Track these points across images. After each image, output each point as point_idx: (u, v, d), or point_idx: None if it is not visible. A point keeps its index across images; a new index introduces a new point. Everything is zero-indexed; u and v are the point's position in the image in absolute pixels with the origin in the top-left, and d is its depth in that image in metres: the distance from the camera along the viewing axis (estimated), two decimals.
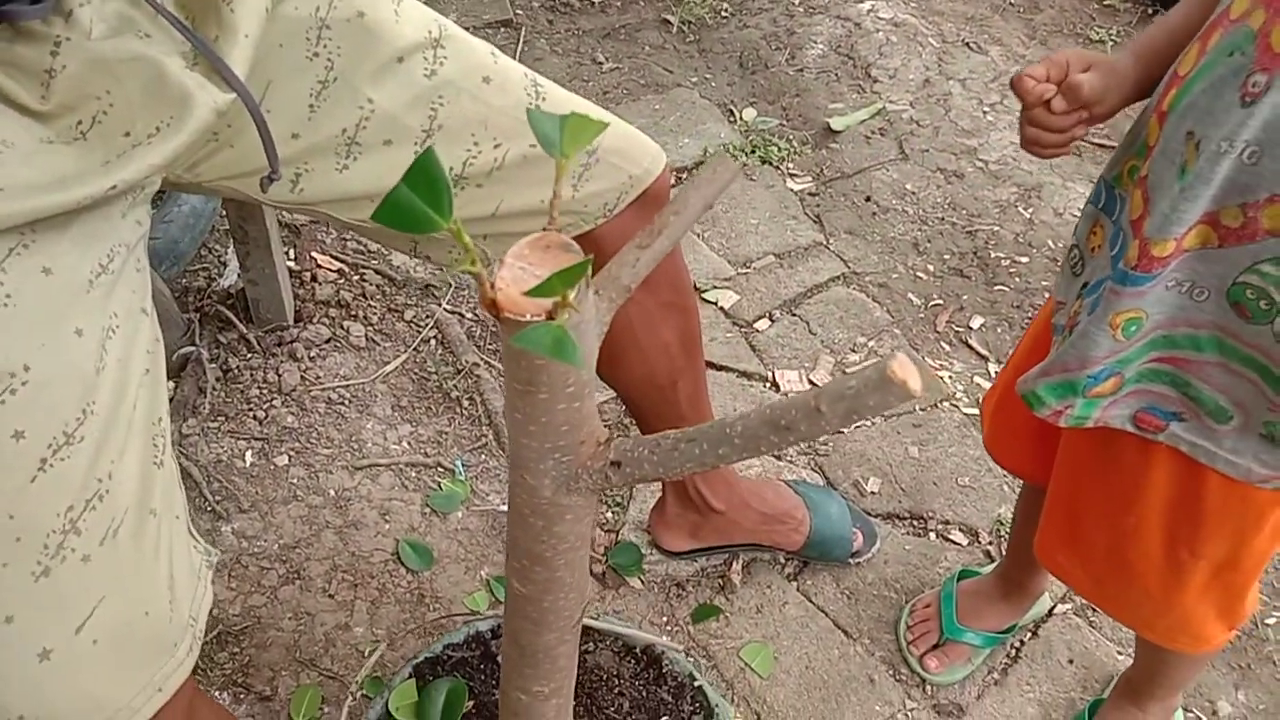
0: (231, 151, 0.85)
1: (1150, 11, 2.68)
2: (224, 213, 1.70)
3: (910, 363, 0.47)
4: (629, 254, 0.57)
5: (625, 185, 0.98)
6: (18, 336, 0.67)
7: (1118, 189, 0.86)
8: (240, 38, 0.80)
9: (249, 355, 1.61)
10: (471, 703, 1.02)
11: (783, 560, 1.47)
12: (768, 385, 1.72)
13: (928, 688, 1.36)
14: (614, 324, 1.12)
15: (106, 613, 0.69)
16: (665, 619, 1.40)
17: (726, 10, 2.67)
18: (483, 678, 1.04)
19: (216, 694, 1.29)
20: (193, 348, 1.58)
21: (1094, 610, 1.44)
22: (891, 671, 1.37)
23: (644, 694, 1.02)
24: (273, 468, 1.51)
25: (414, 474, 1.53)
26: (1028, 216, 2.09)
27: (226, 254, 1.75)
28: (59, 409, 0.68)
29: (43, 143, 0.70)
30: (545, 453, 0.58)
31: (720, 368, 1.73)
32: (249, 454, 1.52)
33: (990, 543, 1.52)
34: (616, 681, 1.03)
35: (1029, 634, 1.41)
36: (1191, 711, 1.36)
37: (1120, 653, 1.40)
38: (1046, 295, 1.91)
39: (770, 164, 2.18)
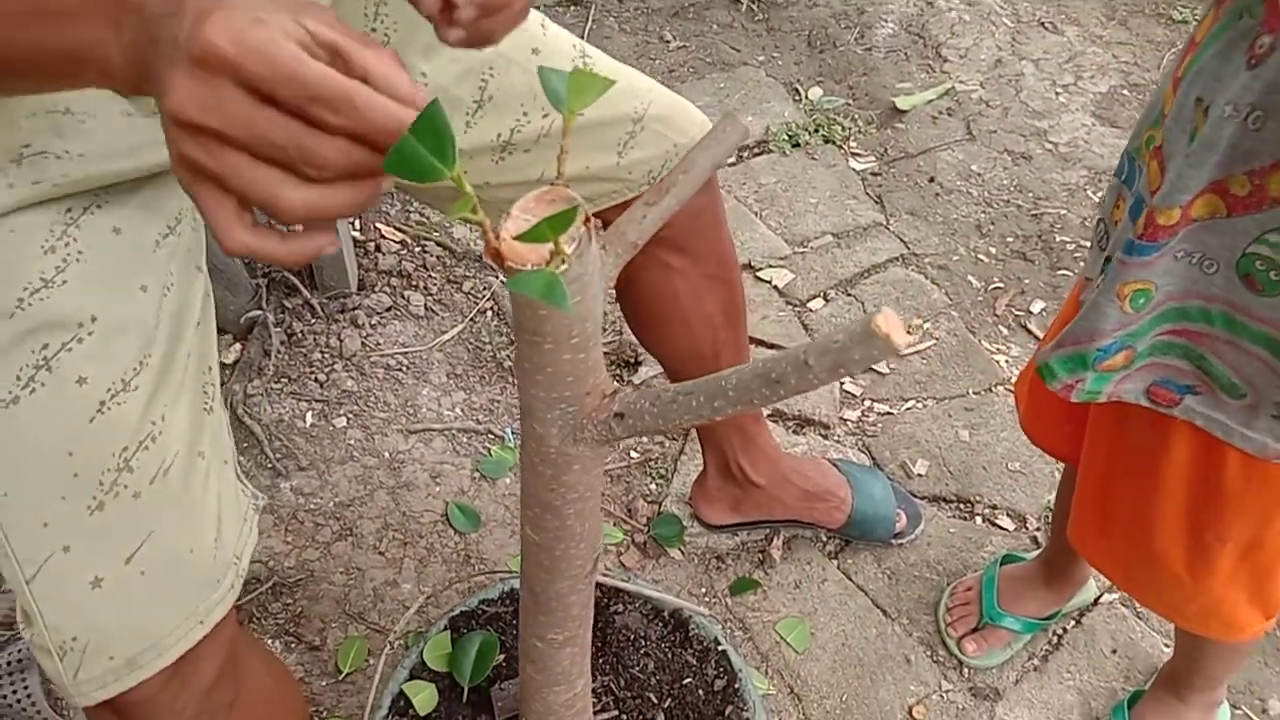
0: None
1: None
2: None
3: (896, 318, 0.47)
4: (636, 211, 0.59)
5: (670, 154, 0.99)
6: (87, 289, 0.72)
7: (1138, 160, 0.85)
8: None
9: (313, 320, 1.67)
10: (502, 656, 1.05)
11: (824, 538, 1.47)
12: None
13: (965, 670, 1.35)
14: (660, 296, 1.15)
15: (154, 547, 0.74)
16: (704, 590, 1.42)
17: None
18: (515, 632, 1.06)
19: (269, 642, 1.35)
20: (259, 312, 1.64)
21: None
22: (929, 652, 1.37)
23: (669, 656, 1.04)
24: (331, 429, 1.56)
25: (465, 440, 1.57)
26: (1097, 200, 2.04)
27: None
28: (119, 358, 0.73)
29: (123, 115, 0.75)
30: (552, 402, 0.60)
31: (772, 345, 1.73)
32: (309, 415, 1.57)
33: (1038, 529, 1.50)
34: (643, 642, 1.05)
35: (1072, 622, 1.40)
36: (1240, 709, 1.33)
37: (1166, 645, 1.37)
38: None
39: (833, 143, 2.16)
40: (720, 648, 1.03)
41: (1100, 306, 0.83)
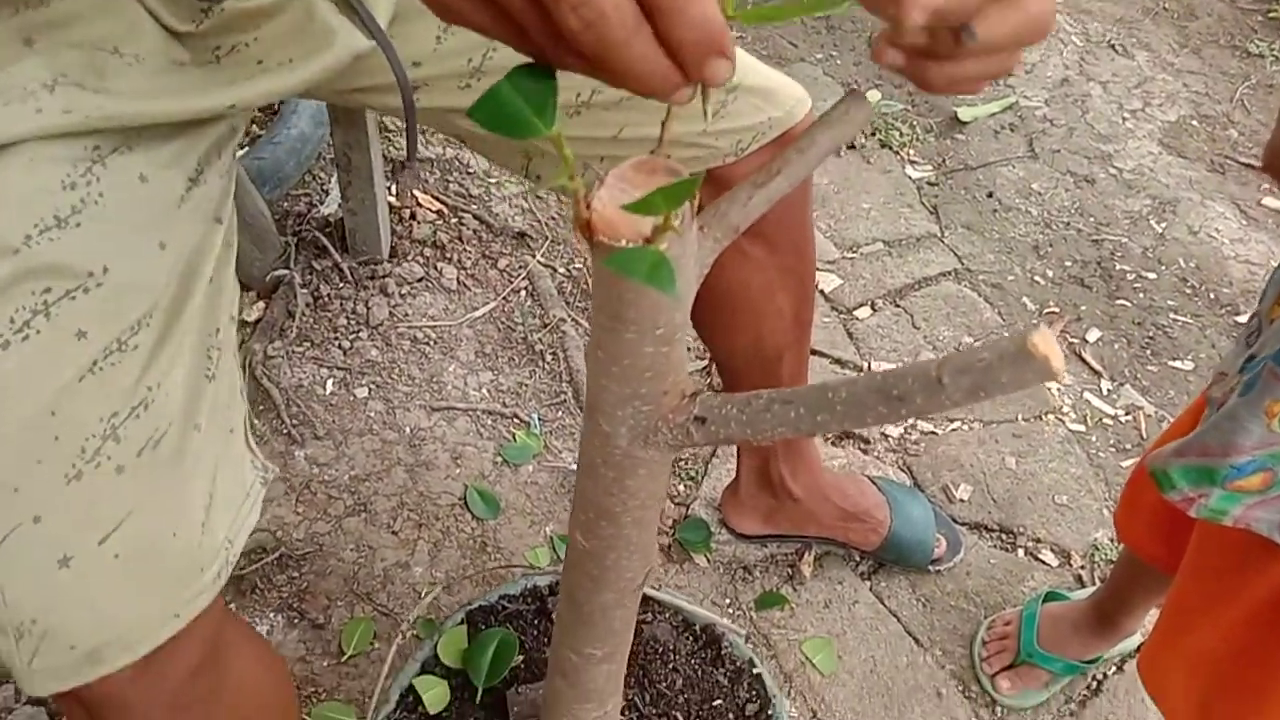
0: (360, 78, 0.84)
1: None
2: (330, 140, 1.69)
3: (1053, 337, 0.41)
4: (742, 191, 0.52)
5: (763, 126, 0.91)
6: (102, 237, 0.65)
7: None
8: None
9: (341, 285, 1.61)
10: (521, 657, 0.98)
11: (857, 557, 1.40)
12: None
13: (998, 709, 1.28)
14: (733, 285, 1.07)
15: (133, 528, 0.66)
16: (728, 601, 1.35)
17: None
18: (535, 633, 1.00)
19: (271, 615, 1.29)
20: (286, 271, 1.57)
21: None
22: (961, 687, 1.30)
23: (699, 673, 0.98)
24: (352, 398, 1.50)
25: (490, 422, 1.51)
26: (1159, 231, 1.97)
27: (330, 182, 1.74)
28: (123, 315, 0.66)
29: (174, 63, 0.69)
30: (625, 399, 0.54)
31: (814, 353, 1.66)
32: (330, 382, 1.51)
33: (1082, 567, 1.43)
34: (671, 656, 0.98)
35: (1114, 667, 1.32)
36: None
37: None
38: (1171, 315, 1.80)
39: (890, 148, 2.09)
40: (755, 670, 0.97)
41: (1240, 419, 0.73)
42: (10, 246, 0.62)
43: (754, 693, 0.96)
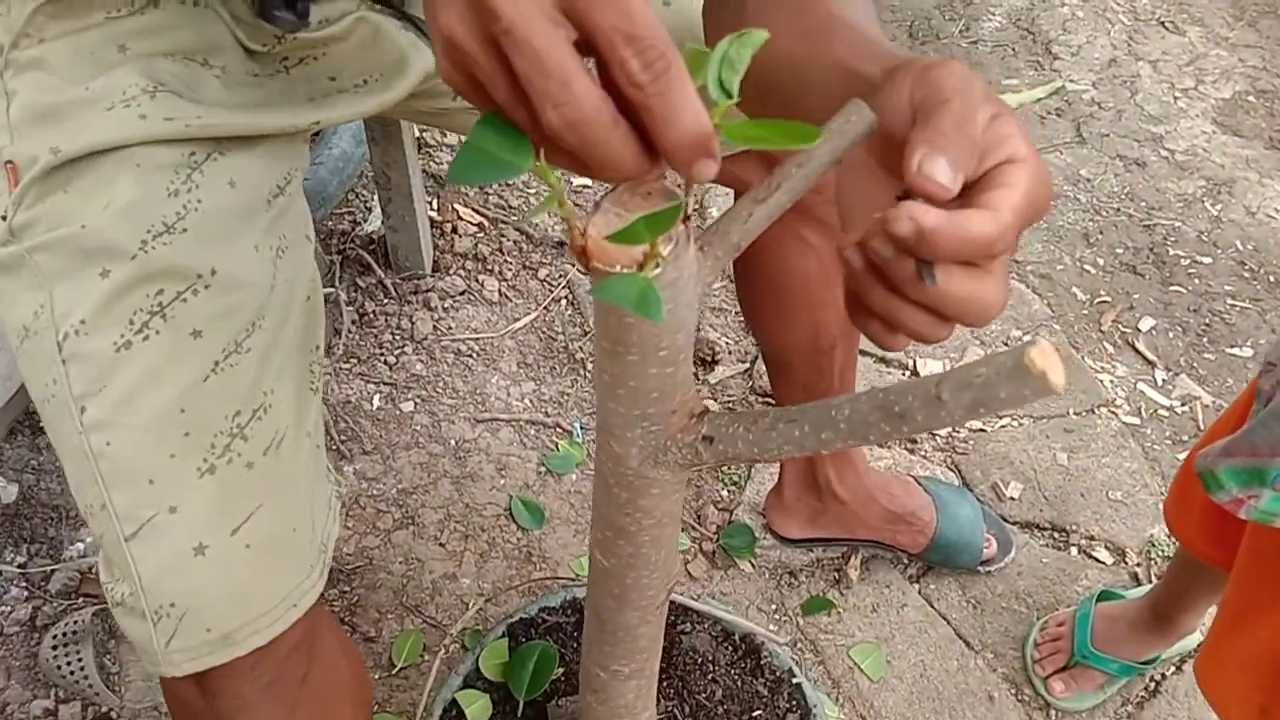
0: (427, 84, 0.87)
1: None
2: (371, 158, 1.72)
3: (1053, 351, 0.40)
4: (742, 208, 0.52)
5: None
6: (205, 241, 0.70)
7: None
8: None
9: (385, 301, 1.63)
10: (561, 670, 0.99)
11: (905, 560, 1.38)
12: (907, 374, 1.62)
13: (1052, 712, 1.26)
14: (791, 275, 1.05)
15: (261, 521, 0.70)
16: (774, 607, 1.35)
17: None
18: (575, 645, 1.01)
19: None
20: (331, 289, 1.60)
21: None
22: (1014, 690, 1.28)
23: (738, 684, 0.97)
24: (398, 413, 1.52)
25: (533, 432, 1.52)
26: (1215, 214, 1.91)
27: (372, 200, 1.77)
28: (234, 317, 0.70)
29: (250, 75, 0.75)
30: (633, 420, 0.54)
31: (860, 352, 1.64)
32: (377, 397, 1.54)
33: (1138, 564, 1.40)
34: (710, 667, 0.98)
35: (1173, 667, 1.29)
36: None
37: None
38: (1229, 300, 1.74)
39: None
40: (794, 680, 0.96)
41: None
42: (128, 252, 0.67)
43: (794, 703, 0.96)
